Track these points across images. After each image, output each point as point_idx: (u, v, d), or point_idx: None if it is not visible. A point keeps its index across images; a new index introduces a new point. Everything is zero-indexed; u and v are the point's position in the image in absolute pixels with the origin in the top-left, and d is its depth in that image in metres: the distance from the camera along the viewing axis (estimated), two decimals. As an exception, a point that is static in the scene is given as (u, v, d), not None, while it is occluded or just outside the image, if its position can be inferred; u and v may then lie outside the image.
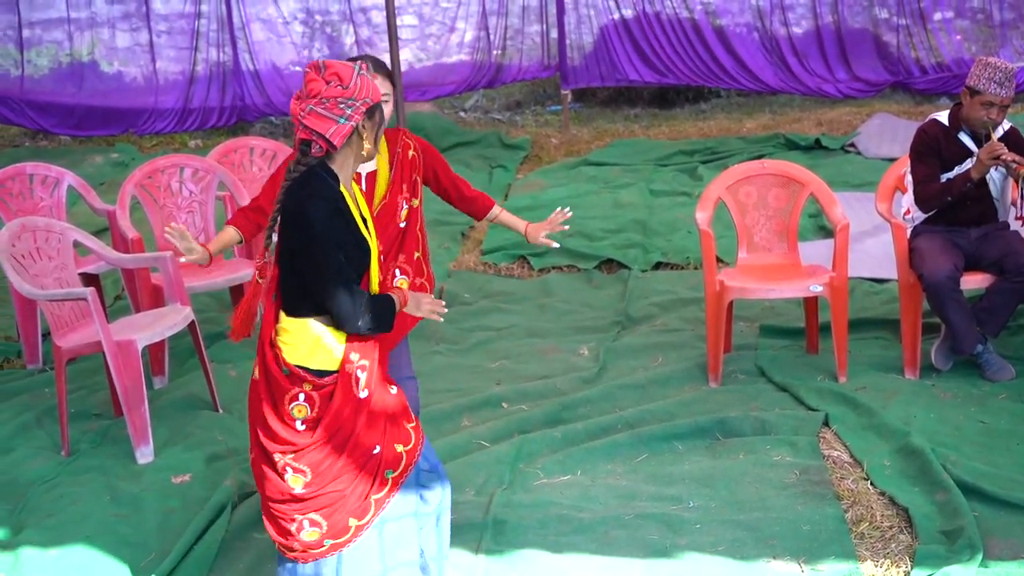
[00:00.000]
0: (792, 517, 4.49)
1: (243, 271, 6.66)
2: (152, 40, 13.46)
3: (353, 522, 3.60)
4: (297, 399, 3.56)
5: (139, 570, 4.49)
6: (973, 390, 5.64)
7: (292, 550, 3.61)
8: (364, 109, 3.55)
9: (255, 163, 7.90)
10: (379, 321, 3.60)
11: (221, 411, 5.92)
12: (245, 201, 6.98)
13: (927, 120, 5.97)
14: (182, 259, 4.35)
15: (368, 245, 3.63)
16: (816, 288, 5.79)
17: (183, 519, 4.80)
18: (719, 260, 7.30)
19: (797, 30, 13.47)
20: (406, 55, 13.46)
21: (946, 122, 5.86)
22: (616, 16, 13.67)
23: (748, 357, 6.25)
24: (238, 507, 4.89)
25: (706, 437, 5.31)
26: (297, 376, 3.55)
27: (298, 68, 13.72)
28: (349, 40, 13.80)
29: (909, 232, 5.90)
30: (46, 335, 6.66)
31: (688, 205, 9.14)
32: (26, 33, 13.42)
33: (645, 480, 4.93)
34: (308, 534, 3.58)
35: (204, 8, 13.42)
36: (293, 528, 3.59)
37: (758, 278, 5.98)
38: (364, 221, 3.66)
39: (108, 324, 5.48)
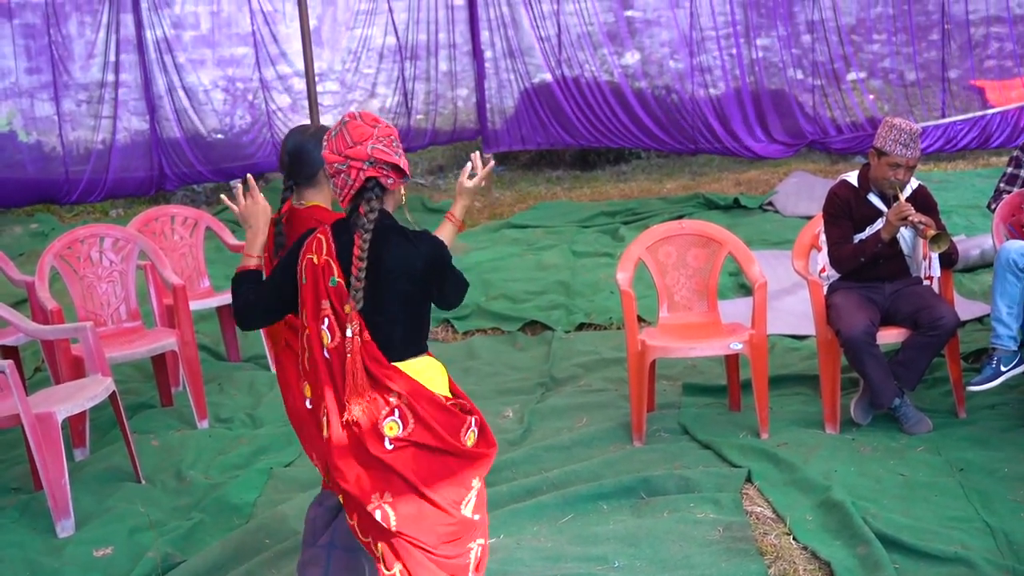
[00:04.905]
0: (716, 574, 4.51)
1: (164, 340, 6.58)
2: (72, 109, 13.35)
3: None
4: (471, 425, 3.62)
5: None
6: (892, 443, 5.71)
7: None
8: None
9: (176, 231, 7.87)
10: None
11: (143, 482, 5.84)
12: (167, 270, 6.94)
13: (837, 182, 6.09)
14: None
15: None
16: (736, 346, 5.86)
17: (105, 593, 4.74)
18: (641, 320, 7.36)
19: (715, 92, 13.70)
20: (328, 122, 13.47)
21: (856, 183, 5.98)
22: (536, 80, 13.83)
23: (671, 415, 6.29)
24: (161, 580, 4.84)
25: (631, 496, 5.32)
26: (459, 399, 3.64)
27: (220, 136, 13.69)
28: (271, 106, 13.81)
29: (825, 289, 6.00)
30: (-37, 409, 6.56)
31: (610, 266, 9.21)
32: (-58, 104, 13.27)
33: (570, 541, 4.93)
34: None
35: (124, 77, 13.34)
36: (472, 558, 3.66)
37: (679, 337, 6.04)
38: None
39: (27, 396, 5.41)
